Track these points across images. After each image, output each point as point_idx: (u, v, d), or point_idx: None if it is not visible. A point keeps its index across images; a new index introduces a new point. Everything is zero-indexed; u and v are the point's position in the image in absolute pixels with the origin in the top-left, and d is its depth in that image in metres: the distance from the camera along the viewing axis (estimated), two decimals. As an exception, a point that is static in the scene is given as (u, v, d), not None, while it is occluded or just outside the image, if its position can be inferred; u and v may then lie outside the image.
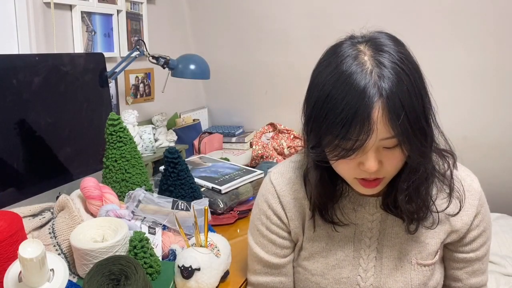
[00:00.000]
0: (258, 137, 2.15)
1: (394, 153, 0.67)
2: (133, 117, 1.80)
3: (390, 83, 0.63)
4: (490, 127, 1.78)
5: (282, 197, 0.86)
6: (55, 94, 1.29)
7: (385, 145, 0.66)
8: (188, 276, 0.90)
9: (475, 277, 0.84)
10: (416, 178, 0.71)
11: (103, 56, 1.50)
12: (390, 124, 0.63)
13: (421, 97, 0.65)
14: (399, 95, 0.62)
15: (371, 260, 0.81)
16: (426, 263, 0.79)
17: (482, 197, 0.80)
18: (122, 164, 1.26)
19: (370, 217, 0.81)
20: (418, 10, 1.73)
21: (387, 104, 0.62)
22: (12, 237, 0.84)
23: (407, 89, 0.63)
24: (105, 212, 1.08)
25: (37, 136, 1.23)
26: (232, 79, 2.38)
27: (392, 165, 0.69)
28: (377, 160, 0.67)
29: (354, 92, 0.63)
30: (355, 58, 0.65)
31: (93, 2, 1.69)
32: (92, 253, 0.91)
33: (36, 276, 0.75)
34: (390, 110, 0.62)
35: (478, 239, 0.81)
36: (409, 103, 0.63)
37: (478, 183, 0.80)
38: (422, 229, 0.79)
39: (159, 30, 2.14)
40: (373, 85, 0.62)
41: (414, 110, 0.64)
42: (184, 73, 1.68)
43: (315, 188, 0.79)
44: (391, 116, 0.62)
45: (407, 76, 0.64)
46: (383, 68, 0.64)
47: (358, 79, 0.63)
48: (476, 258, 0.82)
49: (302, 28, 2.00)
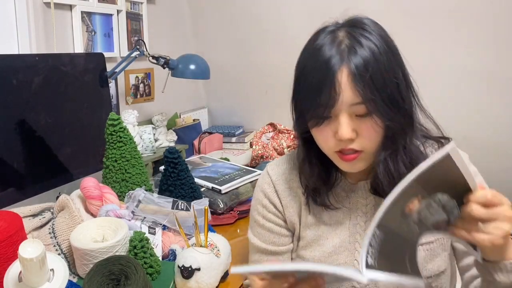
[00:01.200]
0: (258, 137, 2.15)
1: (367, 122, 0.69)
2: (133, 117, 1.80)
3: (358, 51, 0.67)
4: (490, 127, 1.78)
5: (277, 186, 0.88)
6: (55, 94, 1.29)
7: (356, 112, 0.69)
8: (188, 276, 0.90)
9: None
10: (394, 151, 0.72)
11: (103, 56, 1.50)
12: (356, 88, 0.66)
13: (393, 71, 0.69)
14: (365, 61, 0.66)
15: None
16: (420, 241, 0.80)
17: (473, 170, 0.80)
18: (122, 164, 1.26)
19: (364, 201, 0.83)
20: (418, 10, 1.73)
21: (352, 68, 0.66)
22: (12, 237, 0.84)
23: (375, 58, 0.67)
24: (105, 212, 1.08)
25: (37, 136, 1.23)
26: (232, 79, 2.38)
27: (367, 136, 0.70)
28: (350, 128, 0.69)
29: (322, 59, 0.68)
30: (330, 33, 0.71)
31: (93, 2, 1.69)
32: (92, 253, 0.91)
33: (36, 276, 0.75)
34: (355, 74, 0.66)
35: None
36: (375, 70, 0.66)
37: (467, 158, 0.80)
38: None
39: (159, 30, 2.15)
40: (340, 52, 0.67)
41: (382, 79, 0.67)
42: (184, 73, 1.68)
43: (308, 171, 0.82)
44: (356, 80, 0.66)
45: (376, 48, 0.68)
46: (353, 40, 0.68)
47: (328, 48, 0.69)
48: None
49: (302, 28, 2.00)
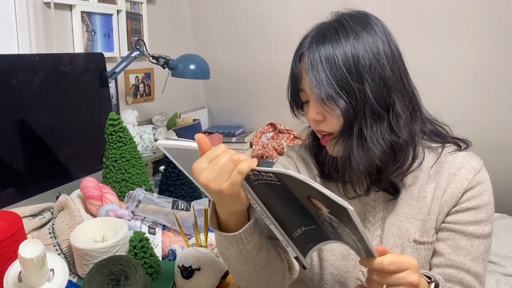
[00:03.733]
0: (258, 137, 2.15)
1: (328, 106, 0.74)
2: (133, 117, 1.80)
3: (319, 37, 0.74)
4: (490, 127, 1.78)
5: (297, 163, 0.94)
6: (55, 94, 1.29)
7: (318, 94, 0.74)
8: (188, 276, 0.90)
9: (460, 256, 0.77)
10: (349, 135, 0.75)
11: (103, 56, 1.50)
12: (309, 75, 0.73)
13: (362, 55, 0.72)
14: (321, 47, 0.72)
15: (375, 238, 0.83)
16: (422, 240, 0.80)
17: (481, 176, 0.79)
18: (122, 164, 1.26)
19: (373, 196, 0.84)
20: (418, 10, 1.73)
21: (308, 56, 0.73)
22: (12, 237, 0.84)
23: (332, 42, 0.72)
24: (105, 212, 1.08)
25: (37, 136, 1.23)
26: (232, 79, 2.38)
27: (329, 118, 0.75)
28: (314, 110, 0.76)
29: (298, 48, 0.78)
30: (316, 26, 0.78)
31: (93, 2, 1.69)
32: (92, 253, 0.91)
33: (36, 276, 0.75)
34: (308, 60, 0.73)
35: (466, 213, 0.78)
36: (328, 58, 0.72)
37: (480, 164, 0.80)
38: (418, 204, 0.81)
39: (159, 30, 2.15)
40: (309, 42, 0.75)
41: (335, 65, 0.71)
42: (184, 73, 1.68)
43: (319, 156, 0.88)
44: (310, 68, 0.73)
45: (342, 36, 0.73)
46: (322, 28, 0.75)
47: (304, 40, 0.77)
48: (461, 232, 0.78)
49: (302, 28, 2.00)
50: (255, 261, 0.70)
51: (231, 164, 0.58)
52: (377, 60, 0.72)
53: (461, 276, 0.76)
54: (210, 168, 0.58)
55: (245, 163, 0.58)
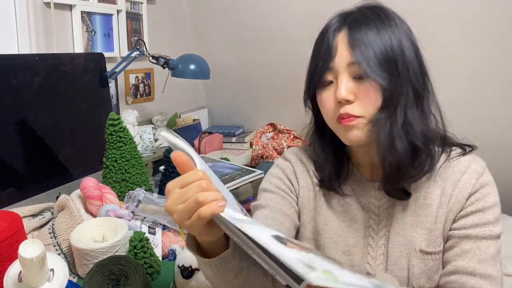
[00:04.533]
0: (258, 137, 2.15)
1: (365, 85, 0.71)
2: (133, 117, 1.80)
3: (360, 18, 0.73)
4: (490, 127, 1.78)
5: (295, 167, 0.89)
6: (55, 94, 1.29)
7: (354, 73, 0.72)
8: (188, 276, 0.90)
9: (464, 260, 0.73)
10: (390, 119, 0.72)
11: (103, 56, 1.50)
12: (350, 50, 0.71)
13: (398, 44, 0.72)
14: (364, 25, 0.71)
15: (379, 248, 0.81)
16: (429, 250, 0.77)
17: (484, 179, 0.77)
18: (122, 164, 1.26)
19: (376, 203, 0.81)
20: (418, 10, 1.73)
21: (349, 29, 0.72)
22: (12, 237, 0.84)
23: (378, 28, 0.71)
24: (105, 212, 1.08)
25: (37, 136, 1.23)
26: (232, 79, 2.38)
27: (364, 99, 0.72)
28: (347, 89, 0.72)
29: (326, 28, 0.76)
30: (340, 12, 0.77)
31: (93, 2, 1.69)
32: (92, 253, 0.91)
33: (36, 276, 0.75)
34: (351, 38, 0.71)
35: (472, 216, 0.75)
36: (373, 40, 0.71)
37: (483, 167, 0.78)
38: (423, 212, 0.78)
39: (159, 30, 2.15)
40: (343, 18, 0.74)
41: (381, 43, 0.71)
42: (184, 73, 1.68)
43: (322, 159, 0.84)
44: (351, 42, 0.71)
45: (382, 23, 0.72)
46: (357, 12, 0.75)
47: (334, 19, 0.76)
48: (466, 236, 0.75)
49: (302, 28, 2.00)
50: (232, 282, 0.66)
51: (195, 204, 0.51)
52: (415, 48, 0.74)
53: (463, 280, 0.72)
54: (177, 196, 0.53)
55: (207, 209, 0.51)
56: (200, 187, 0.52)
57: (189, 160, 0.55)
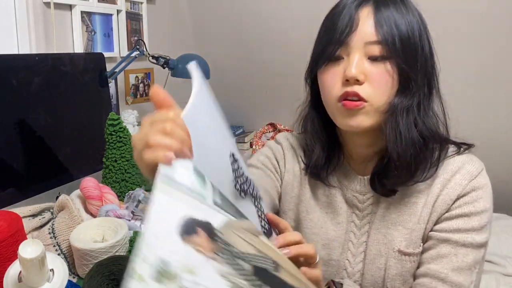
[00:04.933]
0: (258, 137, 2.15)
1: (379, 67, 0.67)
2: (133, 117, 1.80)
3: (387, 4, 0.68)
4: (490, 127, 1.78)
5: (285, 151, 0.88)
6: (55, 94, 1.29)
7: (370, 53, 0.67)
8: (188, 276, 0.90)
9: (438, 264, 0.69)
10: (405, 108, 0.68)
11: (103, 56, 1.49)
12: (376, 26, 0.66)
13: (419, 32, 0.69)
14: (392, 7, 0.67)
15: (360, 245, 0.78)
16: (407, 251, 0.73)
17: (478, 182, 0.71)
18: (122, 164, 1.26)
19: (361, 198, 0.78)
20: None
21: (377, 5, 0.67)
22: (12, 237, 0.84)
23: (401, 13, 0.68)
24: (105, 212, 1.08)
25: (37, 136, 1.23)
26: (232, 79, 2.38)
27: (376, 82, 0.67)
28: (359, 68, 0.67)
29: (345, 1, 0.70)
30: None
31: (93, 2, 1.69)
32: (92, 253, 0.91)
33: (36, 276, 0.75)
34: (378, 11, 0.67)
35: (455, 220, 0.70)
36: (400, 22, 0.67)
37: (479, 169, 0.72)
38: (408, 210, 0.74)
39: (159, 30, 2.14)
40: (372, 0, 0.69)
41: (406, 29, 0.67)
42: (184, 73, 1.68)
43: (312, 143, 0.80)
44: (378, 17, 0.66)
45: (406, 8, 0.69)
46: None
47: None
48: (445, 240, 0.70)
49: (302, 28, 2.00)
50: None
51: (144, 146, 0.44)
52: (430, 41, 0.72)
53: (433, 285, 0.69)
54: (141, 133, 0.46)
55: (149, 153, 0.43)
56: (162, 129, 0.44)
57: (167, 98, 0.48)
